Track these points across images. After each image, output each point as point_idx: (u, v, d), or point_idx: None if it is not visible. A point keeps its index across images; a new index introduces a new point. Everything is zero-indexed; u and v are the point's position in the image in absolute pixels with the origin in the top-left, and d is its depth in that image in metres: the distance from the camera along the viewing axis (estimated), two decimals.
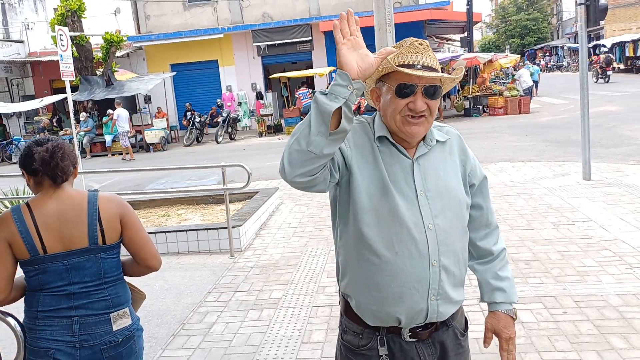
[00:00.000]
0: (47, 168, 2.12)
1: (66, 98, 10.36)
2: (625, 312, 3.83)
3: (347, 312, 1.85)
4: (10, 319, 2.19)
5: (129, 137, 17.51)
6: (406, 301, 1.72)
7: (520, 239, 5.57)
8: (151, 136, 18.71)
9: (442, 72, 1.77)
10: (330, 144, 1.53)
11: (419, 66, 1.67)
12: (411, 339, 1.78)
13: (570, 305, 4.03)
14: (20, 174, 2.25)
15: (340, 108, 1.49)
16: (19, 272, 2.18)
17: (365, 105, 18.86)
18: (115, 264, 2.23)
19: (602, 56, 27.57)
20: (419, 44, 1.70)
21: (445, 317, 1.79)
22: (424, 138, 1.77)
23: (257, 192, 8.09)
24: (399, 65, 1.67)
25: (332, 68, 20.69)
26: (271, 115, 20.93)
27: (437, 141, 1.81)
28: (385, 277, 1.72)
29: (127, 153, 17.14)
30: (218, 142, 18.86)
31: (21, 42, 25.41)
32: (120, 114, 17.61)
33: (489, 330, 1.93)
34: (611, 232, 5.50)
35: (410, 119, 1.69)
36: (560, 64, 48.29)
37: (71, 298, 2.13)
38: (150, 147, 18.75)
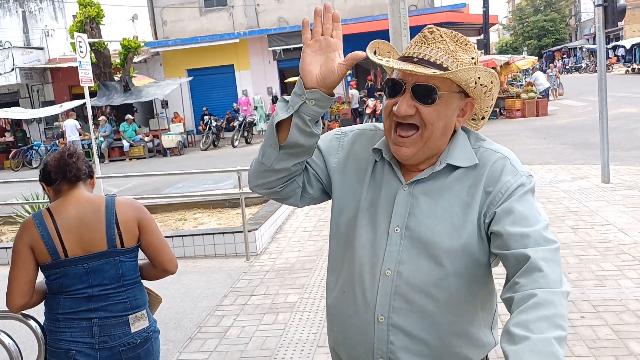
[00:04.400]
0: (60, 167, 2.19)
1: (85, 103, 10.51)
2: None
3: None
4: (31, 322, 2.25)
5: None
6: (349, 350, 1.44)
7: None
8: (168, 141, 18.89)
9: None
10: (284, 158, 1.36)
11: (415, 59, 1.30)
12: None
13: (589, 309, 3.99)
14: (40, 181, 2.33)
15: (300, 119, 1.32)
16: (40, 277, 2.23)
17: (381, 108, 18.80)
18: (133, 267, 2.27)
19: None
20: (430, 32, 1.32)
21: None
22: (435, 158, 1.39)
23: None
24: (399, 58, 1.36)
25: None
26: None
27: (451, 165, 1.36)
28: (333, 314, 1.48)
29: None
30: (234, 147, 18.97)
31: (41, 49, 25.81)
32: (67, 124, 18.30)
33: None
34: (630, 236, 5.43)
35: (396, 136, 1.33)
36: (579, 65, 47.80)
37: (90, 300, 2.17)
38: (167, 151, 18.92)
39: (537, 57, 29.90)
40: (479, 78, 1.31)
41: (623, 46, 36.30)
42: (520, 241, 1.22)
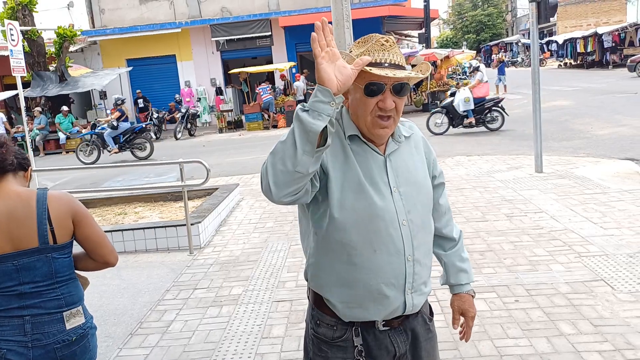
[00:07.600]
0: None
1: (17, 95, 10.04)
2: (574, 299, 3.99)
3: (319, 304, 1.86)
4: None
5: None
6: (385, 298, 1.76)
7: (475, 230, 5.71)
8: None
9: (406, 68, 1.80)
10: (316, 161, 1.53)
11: (386, 64, 1.67)
12: (384, 328, 1.82)
13: (522, 293, 4.17)
14: None
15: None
16: None
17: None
18: (68, 264, 2.19)
19: None
20: (385, 40, 1.69)
21: (418, 308, 1.86)
22: (392, 134, 1.80)
23: (217, 188, 8.04)
24: (368, 65, 1.65)
25: (292, 63, 20.59)
26: (231, 110, 20.76)
27: (404, 137, 1.86)
28: (364, 276, 1.75)
29: None
30: (177, 139, 18.60)
31: None
32: None
33: (456, 312, 2.05)
34: (561, 223, 5.70)
35: (379, 120, 1.70)
36: (515, 59, 49.40)
37: (22, 297, 2.08)
38: None
39: (475, 52, 30.72)
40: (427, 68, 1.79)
41: (556, 41, 37.78)
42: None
